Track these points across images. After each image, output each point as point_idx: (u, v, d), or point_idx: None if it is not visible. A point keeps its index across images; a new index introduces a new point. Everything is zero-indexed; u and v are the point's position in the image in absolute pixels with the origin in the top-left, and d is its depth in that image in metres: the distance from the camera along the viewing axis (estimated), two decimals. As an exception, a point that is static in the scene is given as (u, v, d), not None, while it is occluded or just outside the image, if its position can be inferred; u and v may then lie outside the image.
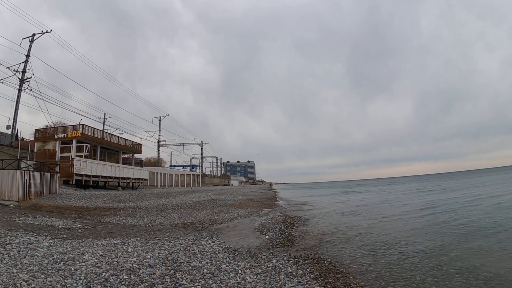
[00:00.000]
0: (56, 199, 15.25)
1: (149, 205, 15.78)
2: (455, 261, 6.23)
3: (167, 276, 4.77)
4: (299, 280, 4.91)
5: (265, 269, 5.46)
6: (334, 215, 15.58)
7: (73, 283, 4.18)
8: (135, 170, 30.90)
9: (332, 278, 5.20)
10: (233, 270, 5.28)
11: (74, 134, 24.30)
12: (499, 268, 5.71)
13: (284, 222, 11.93)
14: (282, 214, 14.98)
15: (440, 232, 9.42)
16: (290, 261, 6.07)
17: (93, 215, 12.39)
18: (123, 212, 13.14)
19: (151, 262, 5.46)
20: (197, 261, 5.73)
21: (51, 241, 6.85)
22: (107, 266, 5.11)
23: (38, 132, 25.80)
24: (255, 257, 6.34)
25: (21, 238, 6.84)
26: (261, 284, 4.66)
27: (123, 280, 4.47)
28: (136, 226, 10.30)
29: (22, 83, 26.12)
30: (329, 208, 19.97)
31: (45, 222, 9.85)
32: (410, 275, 5.48)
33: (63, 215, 12.16)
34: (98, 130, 28.15)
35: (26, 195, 14.63)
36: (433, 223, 11.05)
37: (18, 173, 14.39)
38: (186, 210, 15.29)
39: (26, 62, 26.39)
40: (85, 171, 22.89)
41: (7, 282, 4.04)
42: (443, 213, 14.20)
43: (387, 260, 6.55)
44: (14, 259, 5.17)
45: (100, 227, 9.74)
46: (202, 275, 4.91)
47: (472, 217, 12.11)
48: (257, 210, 16.56)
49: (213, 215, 13.67)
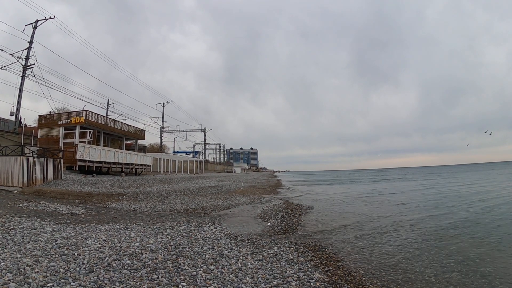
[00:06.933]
0: (59, 185, 15.39)
1: (152, 191, 15.90)
2: (454, 254, 6.22)
3: (169, 261, 4.81)
4: (300, 267, 4.93)
5: (266, 255, 5.49)
6: (336, 204, 15.63)
7: (76, 268, 4.22)
8: (138, 156, 31.01)
9: (333, 266, 5.22)
10: (235, 256, 5.31)
11: (78, 120, 24.26)
12: (498, 262, 5.69)
13: (286, 209, 11.99)
14: (284, 201, 15.06)
15: (441, 224, 9.39)
16: (291, 248, 6.10)
17: (96, 200, 12.51)
18: (126, 198, 13.25)
19: (154, 247, 5.51)
20: (199, 247, 5.77)
21: (54, 227, 6.92)
22: (110, 251, 5.15)
23: (42, 119, 25.80)
24: (257, 243, 6.38)
25: (25, 224, 6.91)
26: (262, 270, 4.68)
27: (125, 264, 4.51)
28: (139, 212, 10.40)
29: (25, 69, 25.90)
30: (331, 196, 20.05)
31: (49, 208, 9.96)
32: (410, 266, 5.48)
33: (66, 200, 12.29)
34: (101, 116, 28.05)
35: (29, 181, 14.76)
36: (435, 216, 11.02)
37: (22, 159, 14.47)
38: (188, 196, 15.40)
39: (29, 48, 26.04)
40: (88, 157, 23.00)
41: (11, 267, 4.08)
42: (446, 206, 14.21)
43: (387, 250, 6.56)
44: (18, 244, 5.22)
45: (103, 212, 9.83)
46: (204, 261, 4.94)
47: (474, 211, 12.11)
48: (259, 197, 16.64)
49: (215, 202, 13.76)
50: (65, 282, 3.71)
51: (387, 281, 4.78)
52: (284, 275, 4.51)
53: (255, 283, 4.17)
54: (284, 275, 4.53)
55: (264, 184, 31.35)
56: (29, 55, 26.05)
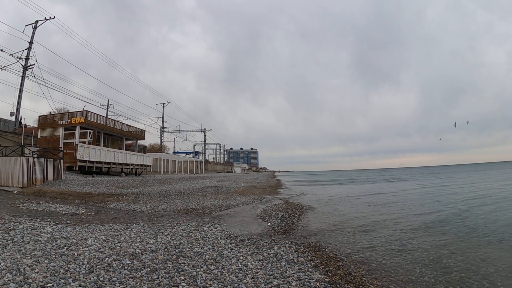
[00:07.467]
0: (59, 185, 15.39)
1: (152, 191, 15.90)
2: (455, 255, 6.20)
3: (169, 261, 4.80)
4: (300, 267, 4.93)
5: (266, 255, 5.48)
6: (336, 204, 15.63)
7: (76, 268, 4.22)
8: (138, 156, 31.01)
9: (333, 266, 5.21)
10: (235, 256, 5.31)
11: (78, 120, 24.27)
12: (499, 263, 5.67)
13: (286, 209, 11.97)
14: (284, 201, 15.04)
15: (442, 226, 9.36)
16: (292, 249, 6.09)
17: (96, 201, 12.50)
18: (126, 198, 13.25)
19: (154, 248, 5.50)
20: (199, 247, 5.76)
21: (54, 227, 6.92)
22: (110, 251, 5.15)
23: (42, 119, 25.81)
24: (257, 243, 6.37)
25: (25, 224, 6.91)
26: (263, 270, 4.68)
27: (125, 265, 4.50)
28: (139, 212, 10.39)
29: (26, 70, 25.91)
30: (331, 197, 20.05)
31: (49, 208, 9.95)
32: (410, 267, 5.47)
33: (66, 201, 12.28)
34: (101, 116, 28.04)
35: (29, 182, 14.76)
36: (436, 217, 10.99)
37: (22, 160, 14.47)
38: (189, 196, 15.39)
39: (29, 49, 26.06)
40: (88, 157, 23.00)
41: (11, 267, 4.08)
42: (446, 206, 14.20)
43: (387, 251, 6.54)
44: (18, 245, 5.22)
45: (103, 212, 9.83)
46: (204, 261, 4.94)
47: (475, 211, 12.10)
48: (260, 197, 16.62)
49: (215, 202, 13.75)
50: (65, 282, 3.71)
51: (388, 281, 4.77)
52: (284, 275, 4.50)
53: (255, 283, 4.16)
54: (284, 275, 4.52)
55: (264, 184, 31.34)
56: (29, 56, 26.07)
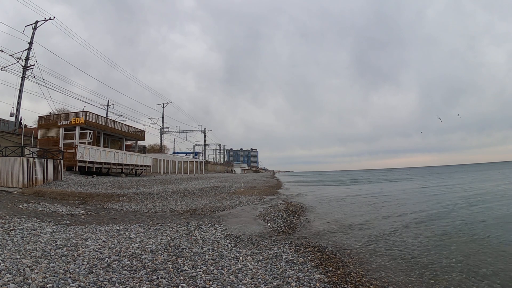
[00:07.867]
0: (59, 186, 15.39)
1: (152, 192, 15.90)
2: (455, 255, 6.20)
3: (169, 262, 4.80)
4: (300, 268, 4.92)
5: (266, 256, 5.48)
6: (336, 204, 15.63)
7: (76, 268, 4.22)
8: (138, 156, 31.02)
9: (333, 267, 5.21)
10: (235, 257, 5.31)
11: (78, 121, 24.29)
12: (499, 264, 5.67)
13: (286, 210, 11.97)
14: (284, 202, 15.04)
15: (442, 226, 9.36)
16: (291, 249, 6.09)
17: (96, 201, 12.50)
18: (126, 199, 13.25)
19: (153, 248, 5.50)
20: (199, 248, 5.76)
21: (54, 227, 6.92)
22: (109, 251, 5.15)
23: (42, 119, 25.82)
24: (257, 244, 6.37)
25: (25, 224, 6.91)
26: (262, 271, 4.68)
27: (125, 265, 4.50)
28: (139, 212, 10.39)
29: (25, 70, 25.93)
30: (331, 197, 20.04)
31: (49, 209, 9.95)
32: (410, 267, 5.47)
33: (66, 201, 12.28)
34: (101, 117, 28.04)
35: (29, 182, 14.76)
36: (436, 217, 10.99)
37: (22, 160, 14.47)
38: (188, 196, 15.40)
39: (29, 49, 26.09)
40: (88, 157, 23.01)
41: (11, 267, 4.08)
42: (446, 206, 14.20)
43: (387, 251, 6.54)
44: (17, 245, 5.22)
45: (103, 213, 9.83)
46: (204, 261, 4.94)
47: (475, 211, 12.10)
48: (259, 197, 16.63)
49: (215, 202, 13.75)
50: (65, 283, 3.71)
51: (387, 282, 4.77)
52: (284, 276, 4.50)
53: (255, 283, 4.16)
54: (284, 275, 4.52)
55: (264, 184, 31.33)
56: (29, 56, 26.10)
